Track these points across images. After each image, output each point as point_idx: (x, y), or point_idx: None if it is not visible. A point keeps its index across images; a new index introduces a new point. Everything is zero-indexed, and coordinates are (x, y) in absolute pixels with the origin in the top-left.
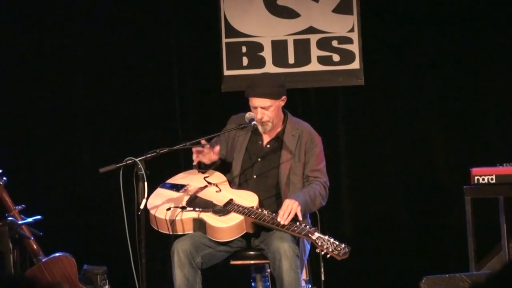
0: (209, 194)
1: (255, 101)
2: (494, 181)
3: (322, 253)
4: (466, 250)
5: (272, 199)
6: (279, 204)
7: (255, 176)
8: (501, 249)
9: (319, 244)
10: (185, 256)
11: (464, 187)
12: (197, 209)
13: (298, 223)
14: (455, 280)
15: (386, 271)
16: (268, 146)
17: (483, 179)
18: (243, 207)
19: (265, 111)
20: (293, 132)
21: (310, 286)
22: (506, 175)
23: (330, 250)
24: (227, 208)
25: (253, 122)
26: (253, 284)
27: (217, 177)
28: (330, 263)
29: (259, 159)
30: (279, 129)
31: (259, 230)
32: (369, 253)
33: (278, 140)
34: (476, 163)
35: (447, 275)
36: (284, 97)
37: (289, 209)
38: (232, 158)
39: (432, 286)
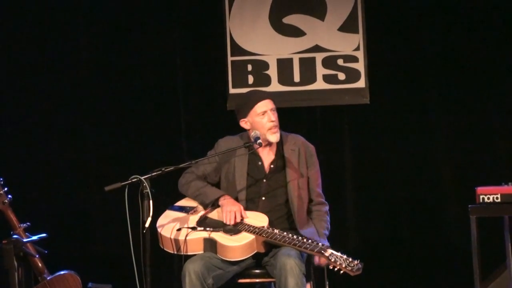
0: (218, 215)
1: (263, 105)
2: (499, 200)
3: (335, 269)
4: (471, 269)
5: (283, 218)
6: (290, 223)
7: (263, 198)
8: (505, 268)
9: (332, 260)
10: (196, 278)
11: (469, 206)
12: (207, 229)
13: (310, 240)
14: None
15: None
16: (272, 166)
17: (488, 198)
18: (253, 226)
19: (275, 112)
20: (292, 147)
21: None
22: (511, 194)
23: (344, 266)
24: (238, 227)
25: (259, 141)
26: None
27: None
28: (334, 281)
29: (265, 180)
30: (276, 147)
31: (269, 249)
32: (373, 271)
33: (281, 158)
34: (481, 182)
35: None
36: None
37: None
38: (228, 181)
39: None
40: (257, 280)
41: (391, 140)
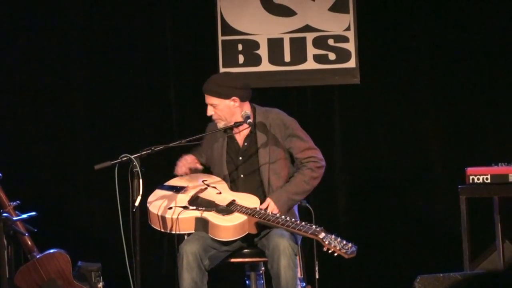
0: (210, 195)
1: (205, 98)
2: (489, 180)
3: (330, 251)
4: (461, 249)
5: (262, 196)
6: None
7: (242, 176)
8: (495, 249)
9: (327, 243)
10: (194, 259)
11: (459, 186)
12: (199, 208)
13: (304, 222)
14: (449, 279)
15: (380, 270)
16: (246, 144)
17: (478, 179)
18: (246, 207)
19: (213, 108)
20: (265, 122)
21: (304, 284)
22: (501, 175)
23: (338, 248)
24: (230, 208)
25: (249, 120)
26: (247, 282)
27: (216, 180)
28: (324, 262)
29: (240, 158)
30: (249, 126)
31: (260, 231)
32: (363, 252)
33: (252, 135)
34: (471, 163)
35: (441, 275)
36: (234, 98)
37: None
38: (213, 163)
39: (426, 286)
40: (247, 260)
41: (381, 121)
